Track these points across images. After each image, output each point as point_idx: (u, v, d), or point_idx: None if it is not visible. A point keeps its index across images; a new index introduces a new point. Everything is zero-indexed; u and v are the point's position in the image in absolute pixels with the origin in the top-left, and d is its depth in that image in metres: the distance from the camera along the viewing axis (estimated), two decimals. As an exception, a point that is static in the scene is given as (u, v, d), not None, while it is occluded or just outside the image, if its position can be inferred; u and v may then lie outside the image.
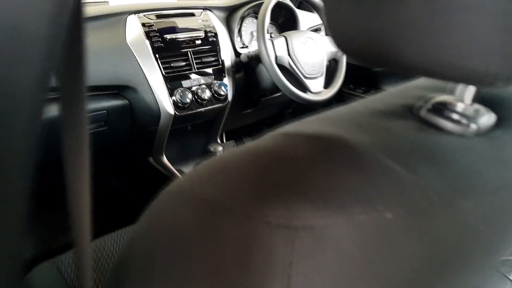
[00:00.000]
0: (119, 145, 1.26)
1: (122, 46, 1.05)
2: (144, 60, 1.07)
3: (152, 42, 1.08)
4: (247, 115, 1.54)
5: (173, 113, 1.12)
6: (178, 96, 1.11)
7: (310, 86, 1.22)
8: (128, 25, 1.08)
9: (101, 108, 1.04)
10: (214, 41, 1.21)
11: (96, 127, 1.08)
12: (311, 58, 1.22)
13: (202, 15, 1.22)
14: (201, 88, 1.16)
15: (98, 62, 1.01)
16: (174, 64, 1.12)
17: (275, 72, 1.13)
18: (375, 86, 1.53)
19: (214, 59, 1.21)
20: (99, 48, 1.02)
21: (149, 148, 1.24)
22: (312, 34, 1.26)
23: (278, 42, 1.17)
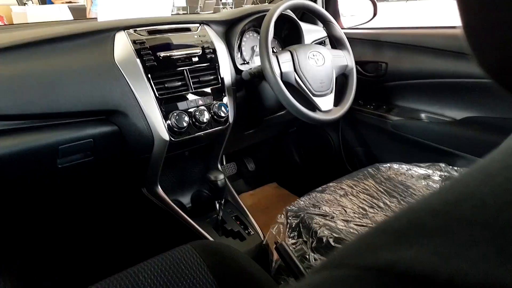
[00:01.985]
0: (108, 176, 1.13)
1: (110, 66, 0.93)
2: (134, 81, 0.94)
3: (143, 61, 0.96)
4: (249, 136, 1.42)
5: (168, 139, 1.00)
6: (174, 120, 0.99)
7: (320, 104, 1.10)
8: (117, 42, 0.96)
9: (87, 136, 0.92)
10: (213, 58, 1.09)
11: (81, 157, 0.95)
12: (319, 74, 1.10)
13: (199, 30, 1.11)
14: (199, 110, 1.04)
15: (83, 85, 0.89)
16: (168, 84, 1.00)
17: (280, 90, 1.01)
18: (387, 102, 1.41)
19: (212, 78, 1.09)
20: (84, 68, 0.91)
21: (142, 178, 1.11)
22: (319, 48, 1.15)
23: (283, 57, 1.06)
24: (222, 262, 0.72)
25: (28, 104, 0.83)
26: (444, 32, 1.25)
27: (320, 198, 0.99)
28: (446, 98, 1.25)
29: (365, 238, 0.19)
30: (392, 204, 0.98)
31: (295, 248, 0.86)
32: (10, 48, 0.85)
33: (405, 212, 0.19)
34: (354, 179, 1.08)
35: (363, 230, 0.87)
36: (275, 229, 0.96)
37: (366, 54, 1.41)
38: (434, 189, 1.05)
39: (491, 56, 0.21)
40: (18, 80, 0.83)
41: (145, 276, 0.67)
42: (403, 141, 1.34)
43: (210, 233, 1.12)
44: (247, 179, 1.81)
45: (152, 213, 1.18)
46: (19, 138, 0.83)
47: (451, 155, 1.21)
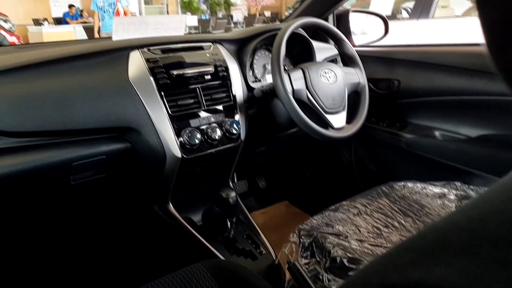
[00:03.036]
0: (120, 193, 1.13)
1: (124, 84, 0.94)
2: (148, 98, 0.96)
3: (157, 79, 0.97)
4: (260, 153, 1.42)
5: (180, 156, 1.00)
6: (186, 137, 0.99)
7: (332, 122, 1.09)
8: (131, 61, 0.98)
9: (100, 153, 0.92)
10: (225, 76, 1.10)
11: (94, 174, 0.95)
12: (331, 91, 1.10)
13: (212, 48, 1.12)
14: (211, 127, 1.04)
15: (97, 102, 0.91)
16: (181, 102, 1.01)
17: (292, 107, 1.01)
18: (400, 120, 1.40)
19: (225, 95, 1.10)
20: (98, 86, 0.92)
21: (154, 195, 1.11)
22: (331, 65, 1.15)
23: (295, 75, 1.06)
24: (234, 281, 0.70)
25: (43, 121, 0.84)
26: (457, 49, 1.25)
27: (333, 217, 0.97)
28: (460, 115, 1.23)
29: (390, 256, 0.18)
30: (407, 223, 0.96)
31: (308, 268, 0.84)
32: (27, 67, 0.87)
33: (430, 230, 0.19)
34: (368, 197, 1.06)
35: (378, 250, 0.85)
36: (288, 248, 0.94)
37: (378, 72, 1.41)
38: (450, 208, 1.02)
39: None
40: (33, 98, 0.85)
41: None
42: (417, 159, 1.31)
43: (221, 251, 1.10)
44: (258, 197, 1.80)
45: (163, 230, 1.17)
46: (34, 154, 0.85)
47: (466, 173, 1.19)
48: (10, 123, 0.81)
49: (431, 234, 0.18)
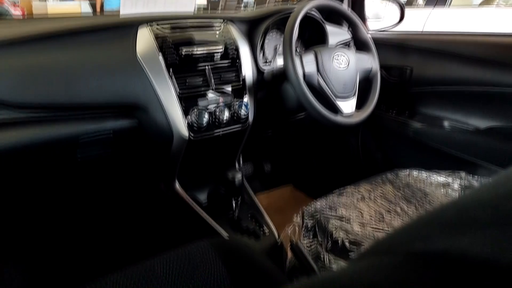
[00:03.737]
0: (127, 170, 1.15)
1: (132, 60, 0.94)
2: (156, 76, 0.95)
3: (165, 57, 0.97)
4: (267, 137, 1.42)
5: (187, 136, 1.00)
6: (194, 117, 0.99)
7: (342, 108, 1.09)
8: (139, 37, 0.97)
9: (107, 129, 0.93)
10: (235, 56, 1.09)
11: (100, 150, 0.97)
12: (342, 76, 1.09)
13: (222, 27, 1.11)
14: (220, 108, 1.04)
15: (104, 78, 0.90)
16: (189, 81, 1.01)
17: (303, 91, 1.01)
18: (410, 108, 1.39)
19: (234, 76, 1.09)
20: (106, 62, 0.92)
21: (160, 173, 1.12)
22: (344, 50, 1.14)
23: (307, 58, 1.05)
24: (237, 259, 0.72)
25: (50, 95, 0.85)
26: (473, 39, 1.23)
27: (337, 201, 0.98)
28: (471, 106, 1.22)
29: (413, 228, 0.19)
30: (409, 210, 0.97)
31: (310, 249, 0.86)
32: (33, 40, 0.87)
33: (451, 205, 0.19)
34: (372, 183, 1.07)
35: (380, 234, 0.86)
36: (291, 229, 0.96)
37: (391, 58, 1.39)
38: (453, 197, 1.02)
39: None
40: (39, 71, 0.85)
41: (161, 269, 0.67)
42: (424, 148, 1.31)
43: (226, 230, 1.12)
44: (263, 179, 1.81)
45: (169, 208, 1.19)
46: (41, 128, 0.85)
47: (472, 164, 1.18)
48: (16, 95, 0.81)
49: (453, 209, 0.18)
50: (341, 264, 0.78)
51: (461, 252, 0.15)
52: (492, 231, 0.16)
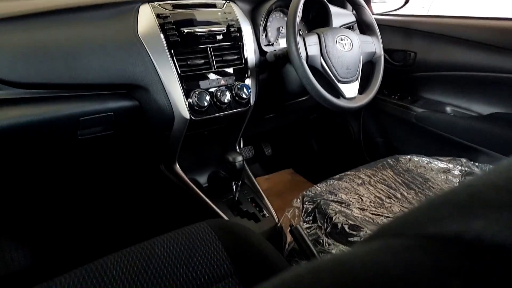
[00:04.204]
0: (127, 151, 1.14)
1: (133, 39, 0.93)
2: (157, 56, 0.94)
3: (167, 36, 0.95)
4: (268, 120, 1.41)
5: (188, 117, 0.99)
6: (195, 98, 0.98)
7: (344, 91, 1.07)
8: (141, 15, 0.95)
9: (107, 109, 0.92)
10: (237, 37, 1.07)
11: (101, 130, 0.96)
12: (346, 59, 1.08)
13: (225, 7, 1.09)
14: (221, 90, 1.03)
15: (105, 57, 0.89)
16: (191, 61, 0.99)
17: (305, 74, 1.00)
18: (412, 93, 1.38)
19: (236, 57, 1.08)
20: (107, 40, 0.90)
21: (161, 155, 1.12)
22: (348, 32, 1.12)
23: (310, 40, 1.03)
24: (237, 240, 0.72)
25: (50, 73, 0.83)
26: (478, 23, 1.20)
27: (337, 186, 0.98)
28: (474, 92, 1.21)
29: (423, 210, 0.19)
30: (409, 195, 0.97)
31: (309, 232, 0.86)
32: (33, 15, 0.85)
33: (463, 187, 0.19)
34: (373, 169, 1.07)
35: (379, 219, 0.86)
36: (290, 213, 0.96)
37: (395, 42, 1.37)
38: (453, 183, 1.02)
39: None
40: (39, 48, 0.83)
41: (161, 250, 0.68)
42: (426, 134, 1.30)
43: (225, 212, 1.13)
44: (263, 163, 1.81)
45: (169, 190, 1.19)
46: (41, 107, 0.84)
47: (473, 150, 1.18)
48: (16, 73, 0.80)
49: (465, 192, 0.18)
50: (340, 248, 0.78)
51: (475, 235, 0.15)
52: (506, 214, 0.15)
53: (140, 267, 0.64)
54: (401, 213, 0.19)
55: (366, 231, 0.78)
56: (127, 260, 0.66)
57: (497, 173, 0.19)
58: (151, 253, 0.67)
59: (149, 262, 0.65)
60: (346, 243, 0.79)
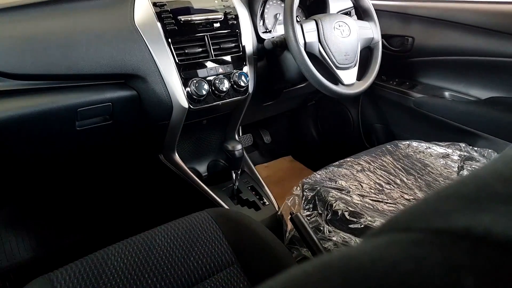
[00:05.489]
0: (126, 141, 1.14)
1: (130, 28, 0.92)
2: (154, 45, 0.93)
3: (164, 25, 0.94)
4: (267, 108, 1.41)
5: (187, 107, 0.99)
6: (193, 87, 0.98)
7: (342, 78, 1.07)
8: (137, 4, 0.94)
9: (106, 99, 0.92)
10: (234, 24, 1.06)
11: (99, 121, 0.95)
12: (344, 46, 1.07)
13: None
14: (219, 78, 1.02)
15: (102, 47, 0.88)
16: (188, 50, 0.98)
17: (303, 60, 0.99)
18: (410, 78, 1.37)
19: (234, 45, 1.07)
20: (103, 30, 0.89)
21: (159, 144, 1.12)
22: (345, 18, 1.11)
23: (308, 26, 1.02)
24: (237, 229, 0.73)
25: (47, 64, 0.83)
26: (476, 7, 1.19)
27: (337, 173, 0.98)
28: (473, 76, 1.20)
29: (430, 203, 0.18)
30: (409, 181, 0.97)
31: (310, 220, 0.87)
32: (28, 6, 0.84)
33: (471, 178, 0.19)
34: (372, 155, 1.07)
35: (379, 206, 0.87)
36: (291, 200, 0.96)
37: (392, 27, 1.36)
38: (452, 168, 1.03)
39: None
40: (36, 39, 0.82)
41: (162, 240, 0.68)
42: (424, 119, 1.31)
43: (225, 201, 1.13)
44: (263, 151, 1.82)
45: (168, 179, 1.19)
46: (39, 98, 0.84)
47: (472, 135, 1.18)
48: (13, 65, 0.79)
49: (473, 182, 0.18)
50: (341, 235, 0.79)
51: (484, 230, 0.15)
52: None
53: (141, 258, 0.65)
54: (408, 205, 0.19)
55: (367, 217, 0.79)
56: (128, 251, 0.66)
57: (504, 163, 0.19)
58: (152, 243, 0.67)
59: (150, 253, 0.66)
60: (346, 230, 0.80)
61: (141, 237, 0.69)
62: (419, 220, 0.17)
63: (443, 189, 0.19)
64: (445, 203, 0.18)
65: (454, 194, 0.18)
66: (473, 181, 0.18)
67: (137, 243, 0.68)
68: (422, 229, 0.16)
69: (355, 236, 0.78)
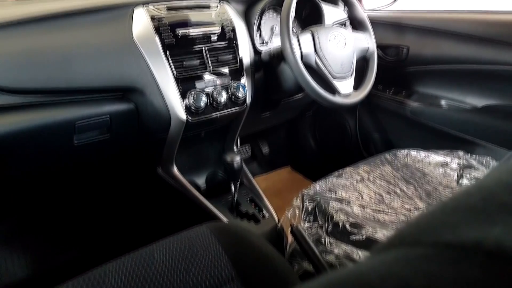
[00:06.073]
0: (124, 154, 1.13)
1: (128, 42, 0.92)
2: (152, 58, 0.93)
3: (162, 38, 0.95)
4: (265, 119, 1.41)
5: (185, 119, 0.99)
6: (191, 100, 0.98)
7: (339, 88, 1.07)
8: (135, 18, 0.94)
9: (104, 113, 0.91)
10: (232, 37, 1.07)
11: (97, 134, 0.95)
12: (340, 56, 1.08)
13: (219, 7, 1.08)
14: (217, 90, 1.03)
15: (100, 61, 0.88)
16: (186, 63, 0.99)
17: (300, 71, 0.99)
18: (407, 88, 1.38)
19: (231, 57, 1.07)
20: (102, 44, 0.90)
21: (158, 157, 1.11)
22: (341, 29, 1.12)
23: (304, 38, 1.03)
24: (237, 243, 0.72)
25: (46, 79, 0.83)
26: (469, 16, 1.21)
27: (336, 183, 0.98)
28: (468, 85, 1.21)
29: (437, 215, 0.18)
30: (408, 191, 0.97)
31: (311, 232, 0.86)
32: (27, 22, 0.84)
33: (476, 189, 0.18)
34: (371, 164, 1.07)
35: (380, 216, 0.86)
36: (291, 212, 0.96)
37: (387, 38, 1.37)
38: (451, 176, 1.03)
39: None
40: (35, 54, 0.82)
41: (160, 255, 0.67)
42: (422, 127, 1.31)
43: (225, 214, 1.12)
44: (261, 162, 1.81)
45: (167, 193, 1.19)
46: (36, 113, 0.83)
47: (470, 143, 1.19)
48: (12, 80, 0.79)
49: (479, 193, 0.18)
50: (342, 247, 0.78)
51: (495, 243, 0.14)
52: None
53: (140, 275, 0.63)
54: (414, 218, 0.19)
55: (368, 228, 0.78)
56: (126, 267, 0.65)
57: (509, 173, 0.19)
58: (151, 259, 0.66)
59: (148, 269, 0.64)
60: (348, 242, 0.79)
61: (139, 252, 0.68)
62: (428, 234, 0.17)
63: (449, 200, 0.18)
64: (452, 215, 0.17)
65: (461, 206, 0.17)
66: (479, 192, 0.18)
67: (135, 259, 0.66)
68: (431, 243, 0.16)
69: (357, 248, 0.77)
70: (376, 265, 0.16)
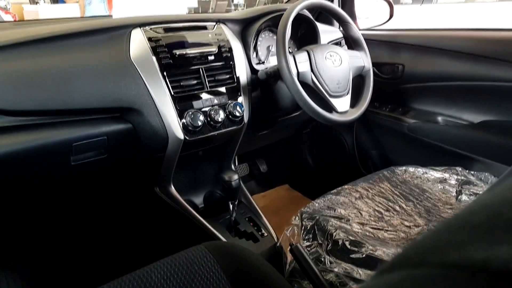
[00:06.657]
0: (121, 174, 1.13)
1: (126, 63, 0.93)
2: (150, 78, 0.94)
3: (159, 59, 0.96)
4: (262, 137, 1.41)
5: (182, 138, 0.99)
6: (189, 119, 0.98)
7: (336, 105, 1.08)
8: (133, 39, 0.96)
9: (101, 133, 0.91)
10: (228, 57, 1.08)
11: (94, 155, 0.95)
12: (336, 74, 1.09)
13: (215, 28, 1.10)
14: (214, 109, 1.03)
15: (98, 82, 0.89)
16: (184, 82, 0.99)
17: (297, 90, 1.00)
18: (403, 105, 1.39)
19: (228, 77, 1.08)
20: (99, 65, 0.90)
21: (155, 177, 1.11)
22: (336, 48, 1.13)
23: (300, 57, 1.04)
24: (236, 263, 0.71)
25: (43, 100, 0.83)
26: (463, 34, 1.23)
27: (335, 201, 0.97)
28: (464, 101, 1.22)
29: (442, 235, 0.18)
30: (408, 207, 0.97)
31: (310, 251, 0.85)
32: (25, 43, 0.85)
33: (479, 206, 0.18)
34: (370, 182, 1.07)
35: (379, 234, 0.86)
36: (289, 231, 0.95)
37: (382, 56, 1.39)
38: (450, 193, 1.02)
39: None
40: (32, 76, 0.83)
41: (158, 277, 0.66)
42: (419, 144, 1.31)
43: (223, 234, 1.11)
44: (259, 180, 1.80)
45: (164, 212, 1.17)
46: (34, 134, 0.83)
47: (467, 159, 1.19)
48: (9, 102, 0.79)
49: (482, 211, 0.17)
50: (342, 266, 0.77)
51: (503, 263, 0.14)
52: None
53: None
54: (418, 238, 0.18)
55: (368, 246, 0.77)
56: None
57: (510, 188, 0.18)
58: (148, 281, 0.65)
59: None
60: (348, 260, 0.78)
61: (136, 274, 0.67)
62: (433, 254, 0.17)
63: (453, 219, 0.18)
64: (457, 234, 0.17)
65: (466, 225, 0.17)
66: (483, 210, 0.18)
67: (133, 281, 0.65)
68: (437, 264, 0.16)
69: (357, 266, 0.76)
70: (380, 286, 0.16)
